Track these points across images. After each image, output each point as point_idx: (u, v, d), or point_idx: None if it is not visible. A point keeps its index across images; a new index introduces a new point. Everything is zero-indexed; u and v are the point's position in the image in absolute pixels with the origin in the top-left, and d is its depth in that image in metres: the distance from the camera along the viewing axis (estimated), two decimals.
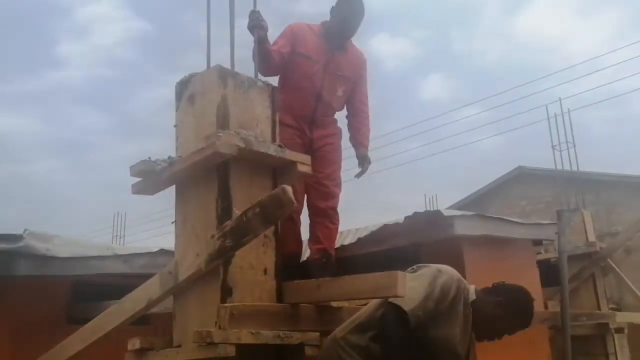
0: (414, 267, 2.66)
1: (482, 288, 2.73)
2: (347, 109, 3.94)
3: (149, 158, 2.46)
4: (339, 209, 3.80)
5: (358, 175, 3.93)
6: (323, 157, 3.71)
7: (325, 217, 3.70)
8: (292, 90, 3.58)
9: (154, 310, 3.07)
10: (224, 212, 2.39)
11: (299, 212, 3.67)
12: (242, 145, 2.37)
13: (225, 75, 2.52)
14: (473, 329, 2.64)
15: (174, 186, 2.62)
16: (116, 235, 13.25)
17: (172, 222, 2.58)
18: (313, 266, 3.62)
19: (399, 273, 2.36)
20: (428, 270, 2.58)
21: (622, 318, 5.76)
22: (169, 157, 2.49)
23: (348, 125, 3.97)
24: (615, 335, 5.41)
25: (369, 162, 3.92)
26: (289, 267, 3.30)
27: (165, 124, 2.72)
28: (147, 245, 4.02)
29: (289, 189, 2.12)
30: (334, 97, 3.73)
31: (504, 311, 2.63)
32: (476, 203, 18.33)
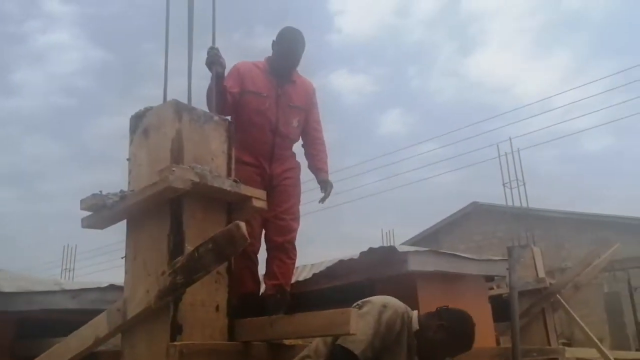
0: (359, 302, 2.67)
1: (425, 312, 2.79)
2: (302, 138, 3.97)
3: (100, 192, 2.42)
4: (296, 243, 3.79)
5: (322, 200, 3.94)
6: (282, 192, 3.71)
7: (282, 252, 3.68)
8: (247, 128, 3.59)
9: (102, 348, 2.99)
10: (176, 247, 2.35)
11: (256, 251, 3.65)
12: (196, 179, 2.36)
13: (180, 109, 2.52)
14: (417, 355, 2.68)
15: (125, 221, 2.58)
16: (65, 269, 12.83)
17: (122, 257, 2.52)
18: (268, 302, 3.58)
19: (352, 310, 2.37)
20: (373, 307, 2.60)
21: (572, 353, 5.88)
22: (121, 191, 2.45)
23: (305, 154, 3.99)
24: None
25: (331, 186, 3.93)
26: (248, 306, 3.25)
27: (120, 154, 2.69)
28: (98, 280, 3.91)
29: (242, 224, 2.11)
30: (290, 128, 3.76)
31: (446, 335, 2.68)
32: (432, 237, 18.61)
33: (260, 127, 3.64)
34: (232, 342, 2.51)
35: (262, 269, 3.75)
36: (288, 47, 3.70)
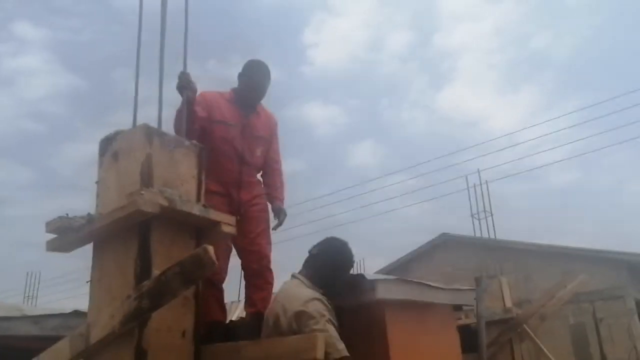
0: (308, 322, 2.79)
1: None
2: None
3: (67, 214, 2.40)
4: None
5: (275, 228, 3.97)
6: (252, 217, 3.75)
7: (260, 277, 3.71)
8: (215, 157, 3.61)
9: None
10: (143, 272, 2.34)
11: (222, 280, 3.65)
12: (165, 203, 2.36)
13: (151, 134, 2.53)
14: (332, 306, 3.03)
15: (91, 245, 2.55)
16: (28, 296, 12.47)
17: (87, 282, 2.48)
18: (242, 328, 3.57)
19: (319, 335, 2.38)
20: (317, 313, 2.82)
21: None
22: (88, 214, 2.43)
23: (262, 182, 4.04)
24: None
25: (285, 214, 4.00)
26: (214, 334, 3.23)
27: (89, 182, 2.67)
28: (61, 307, 3.82)
29: (210, 248, 2.12)
30: (254, 158, 3.84)
31: (323, 259, 3.06)
32: (402, 268, 18.65)
33: (228, 156, 3.70)
34: None
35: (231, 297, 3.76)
36: (255, 80, 3.80)
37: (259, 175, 3.99)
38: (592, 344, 8.71)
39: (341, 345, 2.65)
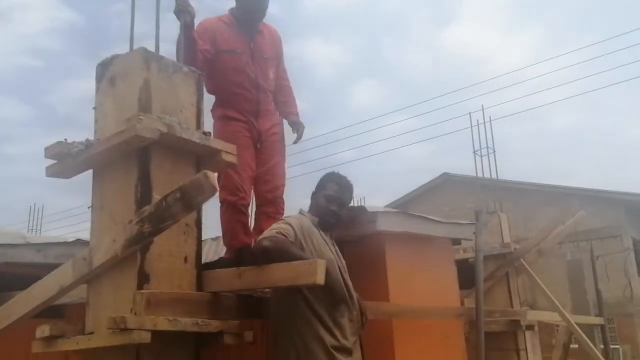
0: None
1: None
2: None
3: (65, 140, 2.38)
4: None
5: (296, 141, 4.00)
6: (270, 147, 3.75)
7: (272, 206, 3.73)
8: (230, 88, 3.59)
9: (67, 300, 2.97)
10: (143, 197, 2.34)
11: (247, 205, 3.65)
12: (164, 130, 2.34)
13: (149, 58, 2.48)
14: (329, 236, 3.07)
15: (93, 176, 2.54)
16: (32, 229, 12.63)
17: (89, 208, 2.49)
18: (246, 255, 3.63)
19: (319, 261, 2.41)
20: (284, 218, 2.94)
21: (533, 316, 6.07)
22: (86, 140, 2.41)
23: (274, 101, 3.95)
24: (526, 332, 5.69)
25: (303, 127, 3.99)
26: (242, 259, 3.26)
27: (88, 118, 2.63)
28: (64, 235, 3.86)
29: (210, 174, 2.11)
30: (268, 82, 3.76)
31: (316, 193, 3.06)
32: (402, 208, 18.79)
33: (243, 86, 3.62)
34: (199, 292, 2.52)
35: None
36: (253, 1, 3.65)
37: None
38: (588, 280, 8.85)
39: (268, 232, 2.64)
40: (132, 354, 2.22)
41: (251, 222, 3.77)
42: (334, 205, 3.03)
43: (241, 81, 3.61)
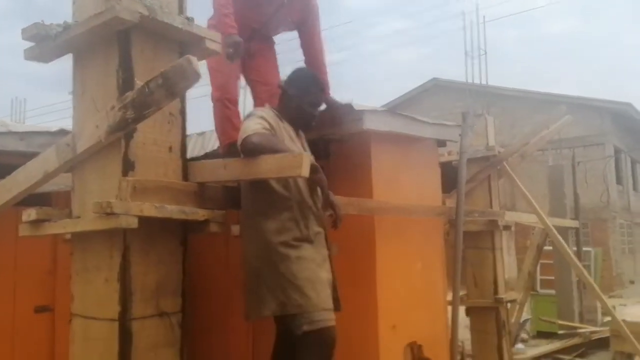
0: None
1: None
2: (304, 54, 3.97)
3: (42, 21, 2.28)
4: None
5: None
6: (262, 55, 3.85)
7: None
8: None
9: (53, 188, 2.99)
10: (125, 83, 2.29)
11: (235, 100, 3.74)
12: (145, 12, 2.24)
13: None
14: (302, 133, 3.12)
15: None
16: (14, 122, 12.48)
17: (70, 93, 2.44)
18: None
19: (304, 154, 2.42)
20: (255, 111, 2.90)
21: (511, 217, 6.26)
22: (64, 22, 2.31)
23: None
24: (504, 232, 5.88)
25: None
26: (233, 155, 3.30)
27: (68, 10, 2.50)
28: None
29: (194, 59, 2.06)
30: (276, 32, 3.90)
31: (288, 88, 3.03)
32: None
33: (250, 15, 3.67)
34: (185, 182, 2.54)
35: None
36: None
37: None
38: (567, 185, 9.07)
39: (253, 127, 2.62)
40: (119, 240, 2.27)
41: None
42: (316, 110, 3.11)
43: (252, 14, 3.66)
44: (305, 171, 2.39)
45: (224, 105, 3.62)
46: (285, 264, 2.66)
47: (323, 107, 3.36)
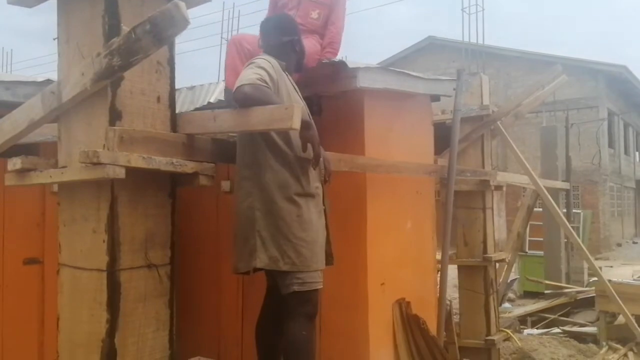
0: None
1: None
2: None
3: None
4: None
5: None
6: None
7: None
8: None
9: (40, 139, 2.94)
10: (112, 30, 2.22)
11: (251, 51, 3.61)
12: None
13: None
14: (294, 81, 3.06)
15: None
16: (1, 73, 12.27)
17: (54, 39, 2.37)
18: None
19: (295, 106, 2.37)
20: (255, 60, 2.78)
21: (503, 177, 6.28)
22: None
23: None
24: (494, 192, 5.90)
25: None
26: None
27: None
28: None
29: (182, 4, 1.99)
30: (307, 19, 3.86)
31: (263, 32, 3.04)
32: None
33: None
34: (174, 133, 2.50)
35: None
36: None
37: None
38: (560, 147, 9.07)
39: (249, 77, 2.54)
40: (107, 191, 2.24)
41: None
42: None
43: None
44: (297, 123, 2.35)
45: (236, 48, 3.56)
46: (285, 220, 2.64)
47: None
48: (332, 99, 3.99)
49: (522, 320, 7.71)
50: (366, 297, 3.53)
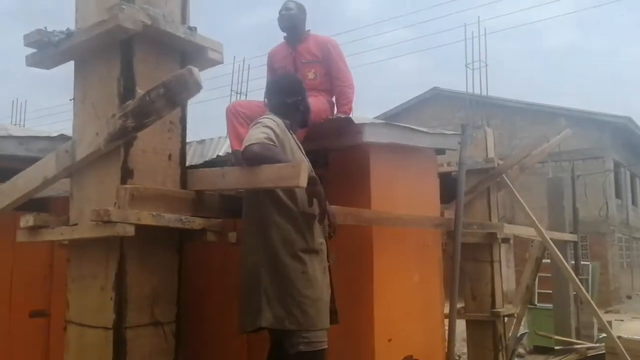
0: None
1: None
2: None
3: (45, 28, 2.28)
4: None
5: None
6: None
7: None
8: None
9: (52, 194, 2.99)
10: (127, 92, 2.29)
11: (247, 115, 3.72)
12: (147, 21, 2.25)
13: None
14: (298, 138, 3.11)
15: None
16: (15, 124, 12.49)
17: (71, 100, 2.45)
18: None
19: (302, 164, 2.41)
20: (261, 120, 2.80)
21: (510, 229, 6.25)
22: (67, 29, 2.32)
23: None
24: (502, 245, 5.87)
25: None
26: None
27: (71, 11, 2.51)
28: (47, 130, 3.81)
29: (195, 70, 2.07)
30: (306, 80, 3.90)
31: (269, 93, 3.09)
32: (390, 121, 18.78)
33: None
34: (183, 190, 2.54)
35: None
36: (280, 16, 4.09)
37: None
38: (567, 198, 9.05)
39: (256, 136, 2.55)
40: (116, 248, 2.26)
41: None
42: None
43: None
44: (303, 182, 2.39)
45: (233, 114, 3.65)
46: (290, 278, 2.63)
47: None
48: (339, 152, 4.05)
49: None
50: (373, 354, 3.48)
